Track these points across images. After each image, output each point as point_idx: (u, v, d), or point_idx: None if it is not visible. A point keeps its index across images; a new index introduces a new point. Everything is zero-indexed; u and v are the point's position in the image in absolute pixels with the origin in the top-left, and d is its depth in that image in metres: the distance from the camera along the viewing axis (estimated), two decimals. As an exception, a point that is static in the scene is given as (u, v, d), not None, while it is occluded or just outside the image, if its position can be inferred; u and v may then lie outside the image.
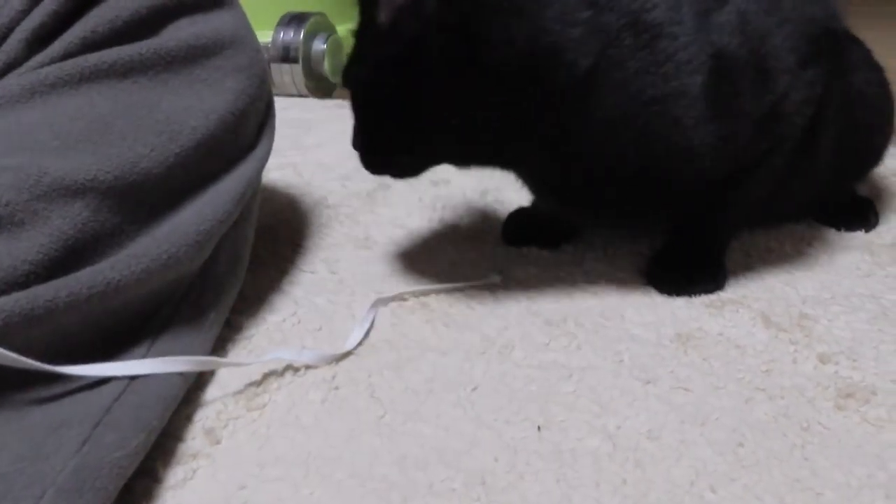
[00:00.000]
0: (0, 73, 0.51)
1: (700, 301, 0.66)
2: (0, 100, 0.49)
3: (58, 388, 0.43)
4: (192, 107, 0.54)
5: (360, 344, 0.59)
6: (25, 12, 0.52)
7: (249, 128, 0.61)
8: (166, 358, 0.48)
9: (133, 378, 0.46)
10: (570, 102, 0.58)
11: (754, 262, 0.72)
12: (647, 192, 0.63)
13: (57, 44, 0.52)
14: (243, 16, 0.63)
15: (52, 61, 0.51)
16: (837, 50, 0.66)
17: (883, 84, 0.77)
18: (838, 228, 0.79)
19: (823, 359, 0.58)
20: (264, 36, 1.26)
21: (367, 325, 0.61)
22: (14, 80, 0.50)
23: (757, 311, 0.64)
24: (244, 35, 0.61)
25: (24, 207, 0.44)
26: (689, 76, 0.58)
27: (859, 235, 0.78)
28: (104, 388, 0.44)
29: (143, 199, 0.50)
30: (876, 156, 0.80)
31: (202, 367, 0.52)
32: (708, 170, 0.62)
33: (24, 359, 0.40)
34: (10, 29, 0.52)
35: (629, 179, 0.62)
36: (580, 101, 0.58)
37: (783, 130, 0.63)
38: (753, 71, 0.60)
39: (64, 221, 0.45)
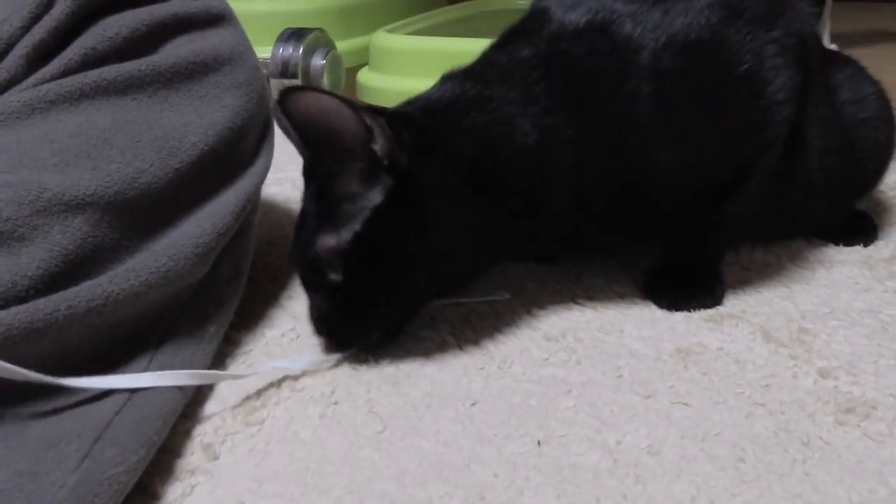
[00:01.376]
0: (0, 89, 0.51)
1: (699, 316, 0.66)
2: (0, 116, 0.49)
3: (57, 403, 0.43)
4: (191, 123, 0.55)
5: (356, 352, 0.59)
6: (26, 28, 0.52)
7: (248, 143, 0.61)
8: (165, 372, 0.48)
9: (133, 392, 0.46)
10: (540, 168, 0.59)
11: (752, 277, 0.72)
12: (632, 220, 0.64)
13: (57, 60, 0.52)
14: (242, 33, 0.64)
15: (52, 78, 0.52)
16: (810, 50, 0.65)
17: (880, 99, 0.76)
18: (836, 243, 0.79)
19: (823, 373, 0.57)
20: (263, 51, 1.26)
21: None
22: (14, 96, 0.50)
23: (756, 325, 0.64)
24: (243, 52, 0.62)
25: (25, 223, 0.44)
26: (636, 109, 0.59)
27: (857, 250, 0.78)
28: (104, 403, 0.44)
29: (142, 213, 0.50)
30: (874, 175, 0.79)
31: (201, 380, 0.52)
32: (681, 189, 0.63)
33: (25, 371, 0.40)
34: (11, 45, 0.52)
35: (611, 213, 0.63)
36: (546, 163, 0.59)
37: (761, 137, 0.62)
38: (708, 84, 0.59)
39: (64, 236, 0.45)
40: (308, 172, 0.58)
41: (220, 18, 0.61)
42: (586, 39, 0.59)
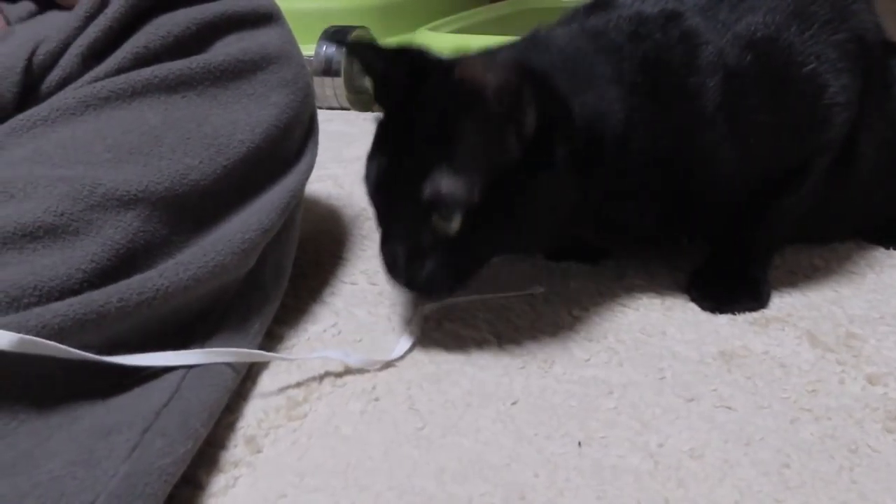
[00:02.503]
0: (57, 86, 0.53)
1: (744, 318, 0.65)
2: (56, 113, 0.50)
3: (108, 394, 0.44)
4: (239, 120, 0.56)
5: (406, 353, 0.60)
6: (81, 28, 0.54)
7: (294, 141, 0.62)
8: (214, 349, 0.49)
9: (180, 384, 0.47)
10: (619, 150, 0.58)
11: (800, 280, 0.71)
12: (686, 214, 0.64)
13: (111, 59, 0.54)
14: (289, 32, 0.64)
15: (106, 76, 0.53)
16: (872, 57, 0.65)
17: None
18: (886, 247, 0.77)
19: (872, 380, 0.56)
20: (307, 49, 1.27)
21: (416, 335, 0.61)
22: (70, 93, 0.52)
23: (803, 329, 0.63)
24: (289, 50, 0.62)
25: (79, 217, 0.45)
26: (701, 101, 0.59)
27: (908, 254, 0.76)
28: (153, 395, 0.45)
29: (191, 209, 0.51)
30: None
31: (250, 358, 0.53)
32: (738, 185, 0.62)
33: (81, 352, 0.41)
34: (67, 44, 0.54)
35: (668, 204, 0.62)
36: (624, 146, 0.58)
37: (819, 139, 0.63)
38: (770, 83, 0.59)
39: (116, 231, 0.47)
40: (402, 103, 0.55)
41: (268, 17, 0.62)
42: (660, 28, 0.60)
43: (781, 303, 0.67)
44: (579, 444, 0.50)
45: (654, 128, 0.59)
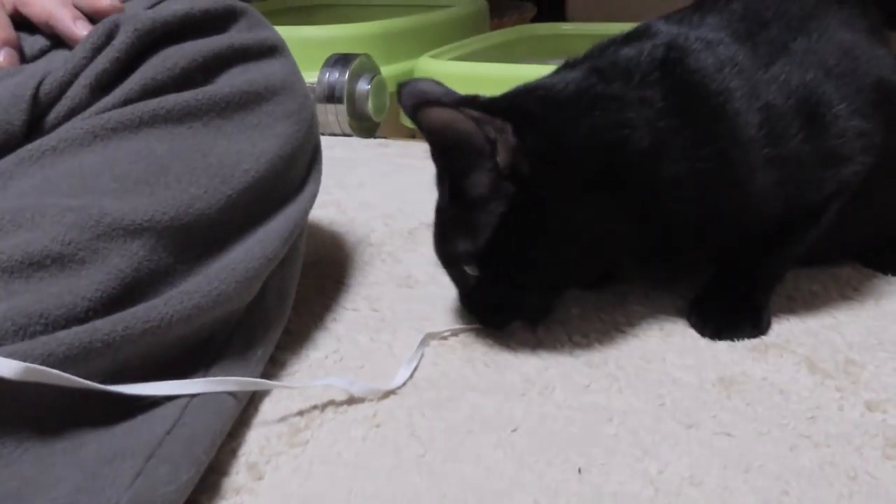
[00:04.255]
0: (65, 117, 0.54)
1: (743, 345, 0.65)
2: (64, 143, 0.51)
3: (112, 421, 0.45)
4: (243, 151, 0.56)
5: (407, 380, 0.60)
6: (89, 59, 0.55)
7: (298, 170, 0.63)
8: (217, 378, 0.50)
9: (183, 411, 0.47)
10: (644, 177, 0.59)
11: (798, 307, 0.71)
12: (707, 243, 0.65)
13: (118, 90, 0.55)
14: (293, 63, 0.66)
15: (114, 106, 0.54)
16: (892, 101, 0.65)
17: None
18: (885, 273, 0.78)
19: (871, 406, 0.56)
20: (310, 76, 1.29)
21: (415, 362, 0.62)
22: (78, 123, 0.53)
23: (801, 356, 0.63)
24: (294, 82, 0.63)
25: (86, 246, 0.46)
26: (738, 127, 0.59)
27: (907, 280, 0.76)
28: (156, 421, 0.46)
29: (196, 238, 0.52)
30: None
31: (257, 387, 0.54)
32: (764, 214, 0.63)
33: (85, 381, 0.42)
34: (75, 75, 0.55)
35: (694, 233, 0.63)
36: (651, 173, 0.59)
37: (844, 176, 0.63)
38: (803, 119, 0.60)
39: (122, 260, 0.47)
40: (441, 173, 0.62)
41: (273, 50, 0.63)
42: (696, 54, 0.61)
43: (780, 329, 0.67)
44: (579, 470, 0.50)
45: (689, 150, 0.59)
